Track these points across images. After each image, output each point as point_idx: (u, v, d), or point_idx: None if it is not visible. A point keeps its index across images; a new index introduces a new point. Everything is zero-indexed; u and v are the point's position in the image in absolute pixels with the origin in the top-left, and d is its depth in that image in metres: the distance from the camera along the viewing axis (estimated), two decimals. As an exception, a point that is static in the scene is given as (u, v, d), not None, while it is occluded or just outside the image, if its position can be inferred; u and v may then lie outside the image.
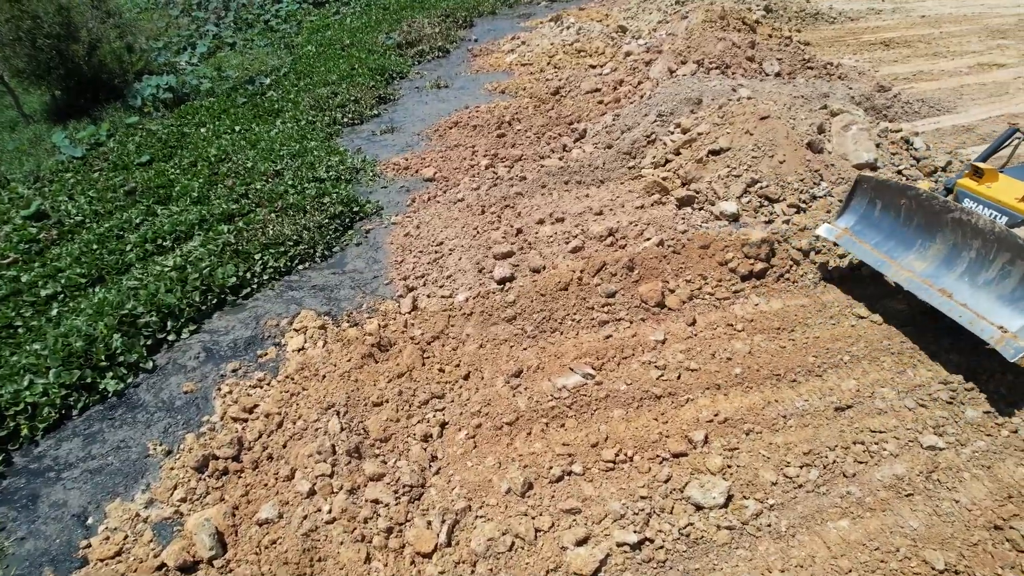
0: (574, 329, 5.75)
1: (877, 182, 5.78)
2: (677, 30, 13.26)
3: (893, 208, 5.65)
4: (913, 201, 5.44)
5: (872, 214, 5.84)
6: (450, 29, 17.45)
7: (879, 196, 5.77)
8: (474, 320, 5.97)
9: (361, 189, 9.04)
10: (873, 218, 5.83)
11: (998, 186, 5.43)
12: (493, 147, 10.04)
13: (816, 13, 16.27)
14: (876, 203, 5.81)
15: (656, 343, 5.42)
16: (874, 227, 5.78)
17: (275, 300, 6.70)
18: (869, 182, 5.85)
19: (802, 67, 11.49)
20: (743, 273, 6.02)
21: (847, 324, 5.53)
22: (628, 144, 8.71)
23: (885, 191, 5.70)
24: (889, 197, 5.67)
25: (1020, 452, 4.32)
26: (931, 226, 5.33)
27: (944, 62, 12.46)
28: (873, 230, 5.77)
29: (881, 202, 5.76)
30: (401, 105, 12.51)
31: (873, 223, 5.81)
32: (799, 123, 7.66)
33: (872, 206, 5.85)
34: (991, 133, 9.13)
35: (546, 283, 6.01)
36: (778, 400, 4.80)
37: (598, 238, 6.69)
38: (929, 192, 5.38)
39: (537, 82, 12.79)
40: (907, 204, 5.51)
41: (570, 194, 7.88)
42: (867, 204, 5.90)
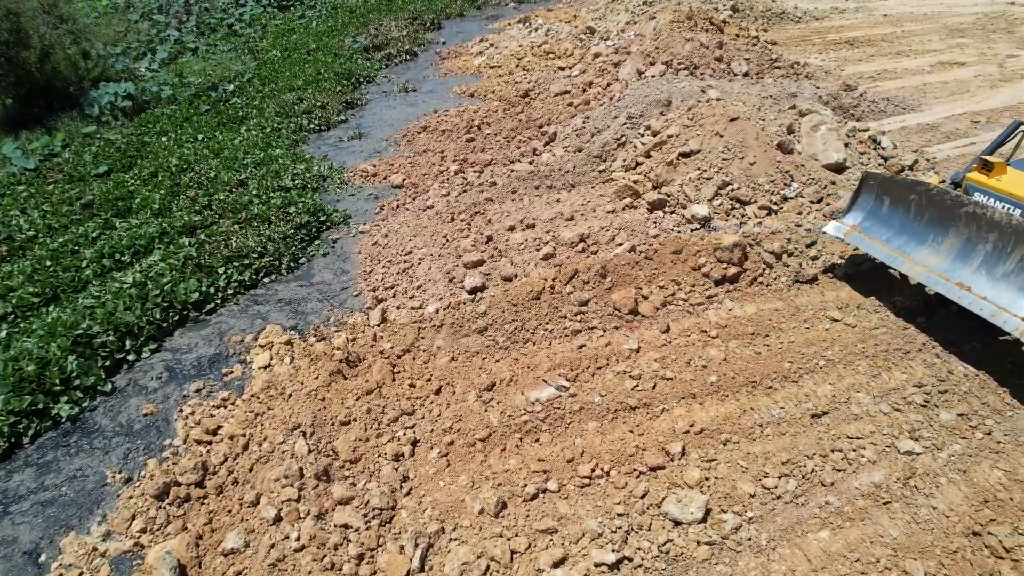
0: (547, 339, 5.64)
1: (884, 178, 5.81)
2: (645, 31, 13.24)
3: (903, 204, 5.66)
4: (924, 196, 5.45)
5: (880, 210, 5.86)
6: (417, 32, 17.26)
7: (887, 192, 5.79)
8: (445, 332, 5.83)
9: (328, 197, 8.85)
10: (881, 214, 5.84)
11: (1008, 179, 5.44)
12: (462, 152, 9.90)
13: (782, 12, 16.39)
14: (884, 199, 5.83)
15: (630, 352, 5.33)
16: (883, 223, 5.80)
17: (240, 315, 6.50)
18: (876, 178, 5.87)
19: (770, 67, 11.53)
20: (716, 278, 5.97)
21: (821, 328, 5.49)
22: (598, 147, 8.64)
23: (893, 187, 5.72)
24: (898, 193, 5.69)
25: (994, 455, 4.31)
26: (944, 220, 5.33)
27: (907, 61, 12.60)
28: (882, 226, 5.78)
29: (889, 198, 5.78)
30: (369, 110, 12.32)
31: (881, 219, 5.82)
32: (768, 124, 7.64)
33: (880, 202, 5.86)
34: (954, 131, 9.23)
35: (518, 292, 5.89)
36: (754, 408, 4.73)
37: (569, 244, 6.59)
38: (941, 187, 5.41)
39: (506, 85, 12.68)
40: (917, 199, 5.52)
41: (541, 199, 7.77)
42: (874, 200, 5.91)
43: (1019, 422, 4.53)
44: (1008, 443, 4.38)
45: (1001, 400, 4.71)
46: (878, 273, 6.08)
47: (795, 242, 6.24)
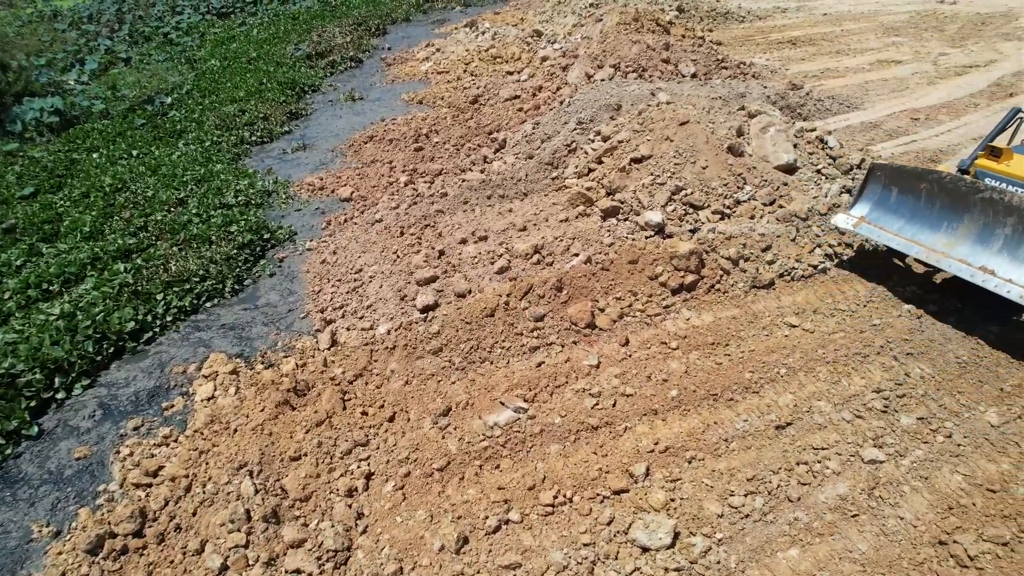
0: (504, 358, 5.46)
1: (892, 169, 5.89)
2: (592, 33, 13.19)
3: (912, 193, 5.74)
4: (935, 184, 5.53)
5: (888, 200, 5.93)
6: (362, 38, 16.93)
7: (895, 182, 5.87)
8: (398, 354, 5.60)
9: (273, 213, 8.51)
10: (889, 204, 5.92)
11: (1017, 163, 5.58)
12: (412, 162, 9.66)
13: (726, 12, 16.59)
14: (892, 189, 5.91)
15: (590, 368, 5.19)
16: (892, 213, 5.88)
17: (181, 344, 6.14)
18: (884, 169, 5.96)
19: (717, 67, 11.60)
20: (673, 287, 5.88)
21: (780, 334, 5.45)
22: (549, 154, 8.50)
23: (902, 176, 5.80)
24: (907, 182, 5.77)
25: (954, 458, 4.30)
26: (957, 207, 5.41)
27: (847, 59, 12.84)
28: (892, 216, 5.87)
29: (897, 188, 5.86)
30: (314, 120, 11.96)
31: (890, 209, 5.91)
32: (718, 127, 7.61)
33: (887, 192, 5.95)
34: (896, 129, 9.39)
35: (472, 310, 5.70)
36: (717, 422, 4.64)
37: (524, 256, 6.43)
38: (955, 175, 5.52)
39: (455, 91, 12.48)
40: (928, 187, 5.60)
41: (493, 209, 7.59)
42: (882, 191, 5.99)
43: (976, 423, 4.54)
44: (967, 445, 4.38)
45: (957, 402, 4.72)
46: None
47: (751, 247, 6.20)
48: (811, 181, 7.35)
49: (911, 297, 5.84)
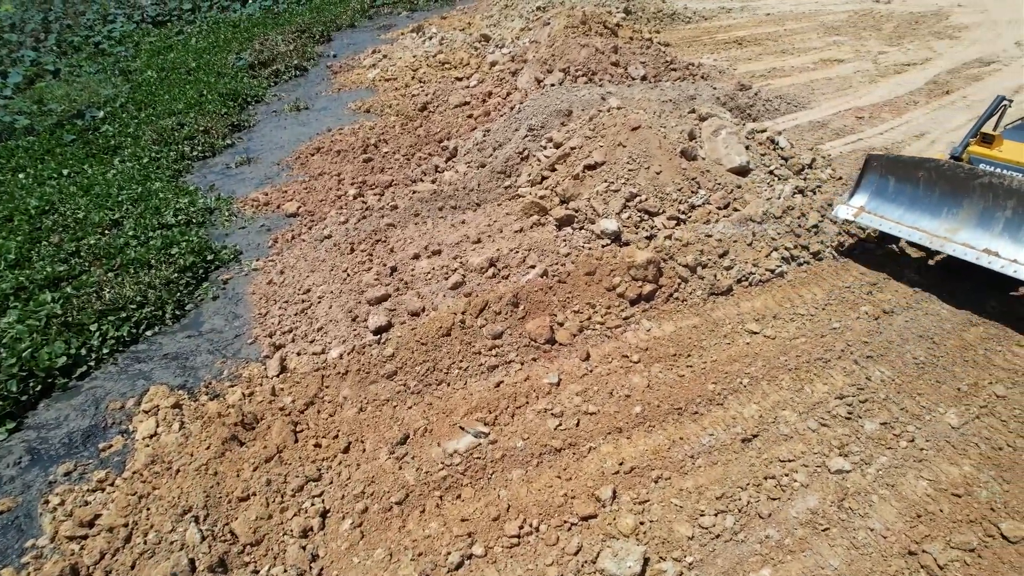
0: (461, 378, 5.26)
1: (889, 159, 6.05)
2: (540, 37, 13.09)
3: (910, 181, 5.92)
4: (933, 172, 5.72)
5: (886, 190, 6.11)
6: (306, 45, 16.52)
7: (892, 172, 6.05)
8: (351, 380, 5.35)
9: (216, 232, 8.14)
10: (888, 193, 6.10)
11: (1008, 149, 5.83)
12: (360, 173, 9.38)
13: (673, 13, 16.69)
14: (889, 179, 6.09)
15: (551, 386, 5.03)
16: (891, 201, 6.06)
17: (119, 377, 5.78)
18: (880, 160, 6.11)
19: (666, 69, 11.60)
20: (632, 297, 5.76)
21: (742, 342, 5.38)
22: (501, 162, 8.34)
23: (898, 166, 5.98)
24: (904, 171, 5.95)
25: (918, 463, 4.27)
26: (956, 193, 5.60)
27: (792, 59, 13.02)
28: (891, 204, 6.05)
29: (895, 177, 6.04)
30: (258, 132, 11.55)
31: (888, 198, 6.09)
32: (670, 131, 7.55)
33: (885, 182, 6.12)
34: (842, 128, 9.51)
35: (426, 329, 5.48)
36: (683, 438, 4.53)
37: (479, 270, 6.24)
38: (952, 162, 5.71)
39: (403, 98, 12.22)
40: (927, 175, 5.78)
41: (445, 221, 7.38)
42: (879, 180, 6.16)
43: (937, 425, 4.53)
44: (929, 449, 4.36)
45: (917, 404, 4.71)
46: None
47: (708, 253, 6.13)
48: (764, 182, 7.35)
49: (868, 298, 5.86)
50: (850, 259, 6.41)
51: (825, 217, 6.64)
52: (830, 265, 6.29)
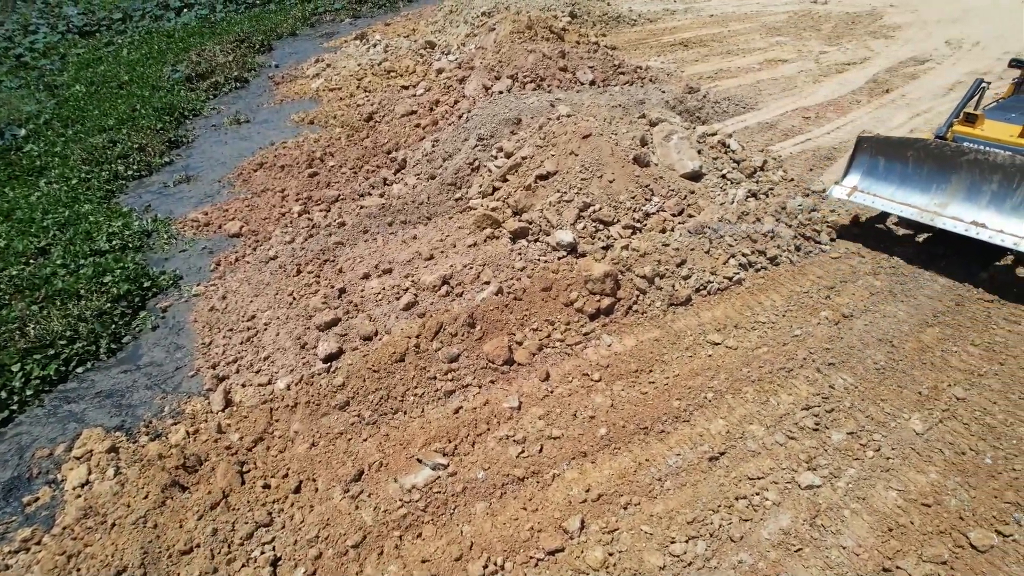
0: (418, 406, 5.02)
1: (879, 140, 6.36)
2: (486, 43, 12.89)
3: (900, 160, 6.21)
4: (922, 151, 6.03)
5: (876, 169, 6.40)
6: (246, 55, 15.98)
7: (881, 152, 6.34)
8: (301, 412, 5.06)
9: (154, 257, 7.70)
10: (879, 173, 6.39)
11: (989, 127, 6.17)
12: (306, 189, 9.03)
13: (618, 16, 16.70)
14: (879, 159, 6.37)
15: (511, 411, 4.83)
16: (882, 180, 6.36)
17: (46, 421, 5.37)
18: (870, 141, 6.41)
19: (614, 73, 11.54)
20: (591, 312, 5.61)
21: (704, 354, 5.26)
22: (451, 173, 8.11)
23: (888, 147, 6.27)
24: (894, 151, 6.24)
25: (886, 473, 4.21)
26: (943, 170, 5.93)
27: (737, 59, 13.12)
28: (882, 183, 6.35)
29: (885, 157, 6.33)
30: (197, 148, 11.05)
31: (879, 177, 6.38)
32: (622, 137, 7.44)
33: (875, 162, 6.41)
34: (791, 128, 9.57)
35: (379, 355, 5.22)
36: (649, 459, 4.38)
37: (432, 289, 6.01)
38: (940, 141, 6.04)
39: (348, 108, 11.87)
40: (915, 154, 6.09)
41: (396, 237, 7.12)
42: (870, 161, 6.45)
43: (902, 432, 4.48)
44: (896, 458, 4.31)
45: (882, 411, 4.66)
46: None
47: (665, 263, 6.02)
48: (717, 187, 7.30)
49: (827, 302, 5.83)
50: (806, 263, 6.38)
51: (780, 221, 6.60)
52: (787, 270, 6.25)
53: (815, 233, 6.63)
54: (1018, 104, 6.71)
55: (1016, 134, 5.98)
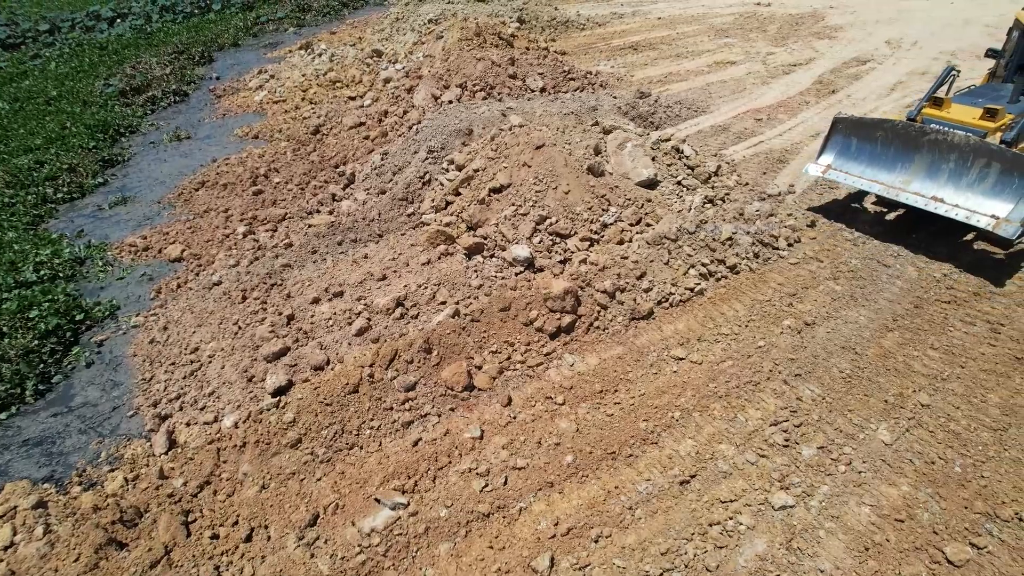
0: (375, 439, 4.76)
1: (853, 120, 6.87)
2: (434, 51, 12.66)
3: (870, 140, 6.75)
4: (890, 131, 6.56)
5: (849, 149, 6.94)
6: (185, 68, 15.43)
7: (854, 133, 6.88)
8: (250, 452, 4.74)
9: (88, 286, 7.25)
10: (851, 152, 6.92)
11: (955, 110, 6.61)
12: (250, 208, 8.66)
13: (567, 21, 16.65)
14: (852, 139, 6.91)
15: (473, 441, 4.60)
16: (853, 159, 6.89)
17: (-37, 475, 4.93)
18: (845, 122, 6.93)
19: (565, 79, 11.42)
20: (551, 331, 5.42)
21: (669, 371, 5.13)
22: (402, 188, 7.85)
23: (861, 127, 6.82)
24: (865, 132, 6.79)
25: (858, 488, 4.12)
26: (908, 149, 6.44)
27: (687, 62, 13.15)
28: (853, 162, 6.87)
29: (857, 138, 6.87)
30: (134, 167, 10.53)
31: (851, 156, 6.91)
32: (575, 147, 7.29)
33: (848, 141, 6.95)
34: (743, 131, 9.57)
35: (331, 387, 4.94)
36: (619, 487, 4.20)
37: (385, 312, 5.74)
38: (905, 122, 6.54)
39: (294, 121, 11.50)
40: (884, 135, 6.62)
41: (346, 257, 6.83)
42: (843, 141, 6.99)
43: (871, 444, 4.41)
44: (867, 472, 4.23)
45: (850, 422, 4.59)
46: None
47: (625, 276, 5.88)
48: (673, 194, 7.21)
49: (789, 310, 5.76)
50: (766, 270, 6.32)
51: (738, 228, 6.54)
52: (748, 278, 6.18)
53: (773, 239, 6.57)
54: (988, 91, 7.14)
55: (977, 116, 6.40)
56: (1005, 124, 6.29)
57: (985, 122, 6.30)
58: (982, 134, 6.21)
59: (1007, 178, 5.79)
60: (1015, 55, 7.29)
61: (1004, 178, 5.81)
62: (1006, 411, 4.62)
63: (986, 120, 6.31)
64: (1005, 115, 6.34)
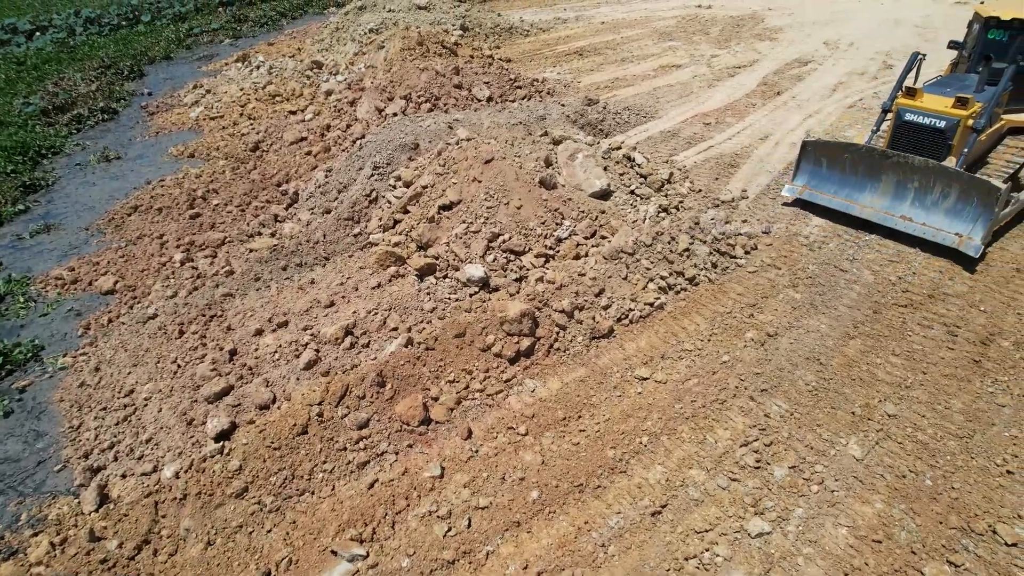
0: (328, 483, 4.45)
1: (820, 143, 7.09)
2: (376, 62, 12.34)
3: (839, 162, 6.98)
4: (855, 154, 6.79)
5: (821, 170, 7.18)
6: (113, 84, 14.72)
7: (824, 154, 7.10)
8: (192, 505, 4.38)
9: (8, 325, 6.72)
10: (823, 174, 7.18)
11: (927, 100, 6.78)
12: (187, 232, 8.20)
13: (510, 27, 16.48)
14: (822, 161, 7.14)
15: (433, 480, 4.34)
16: (826, 180, 7.17)
17: None
18: (814, 145, 7.13)
19: (511, 88, 11.24)
20: (510, 356, 5.19)
21: (633, 392, 4.95)
22: (348, 206, 7.53)
23: (828, 149, 7.03)
24: (833, 154, 7.01)
25: (832, 509, 4.01)
26: (874, 171, 6.69)
27: (633, 66, 13.12)
28: (826, 183, 7.16)
29: (827, 159, 7.09)
30: (59, 192, 9.90)
31: (824, 177, 7.18)
32: (526, 159, 7.10)
33: (819, 164, 7.17)
34: (693, 136, 9.54)
35: (278, 429, 4.61)
36: (589, 521, 4.00)
37: (334, 342, 5.44)
38: (868, 145, 6.79)
39: (232, 138, 11.02)
40: (851, 157, 6.85)
41: (291, 283, 6.48)
42: (814, 163, 7.21)
43: (842, 460, 4.32)
44: (840, 490, 4.12)
45: (819, 437, 4.49)
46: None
47: (583, 294, 5.70)
48: (627, 204, 7.08)
49: (751, 321, 5.67)
50: (725, 280, 6.22)
51: (695, 238, 6.43)
52: (707, 289, 6.07)
53: (730, 248, 6.49)
54: (955, 81, 7.39)
55: (949, 105, 6.61)
56: (976, 112, 6.53)
57: (957, 110, 6.52)
58: (955, 121, 6.51)
59: (967, 198, 6.11)
60: (977, 46, 7.54)
61: (964, 198, 6.14)
62: (969, 417, 4.60)
63: (958, 108, 6.52)
64: (975, 103, 6.56)
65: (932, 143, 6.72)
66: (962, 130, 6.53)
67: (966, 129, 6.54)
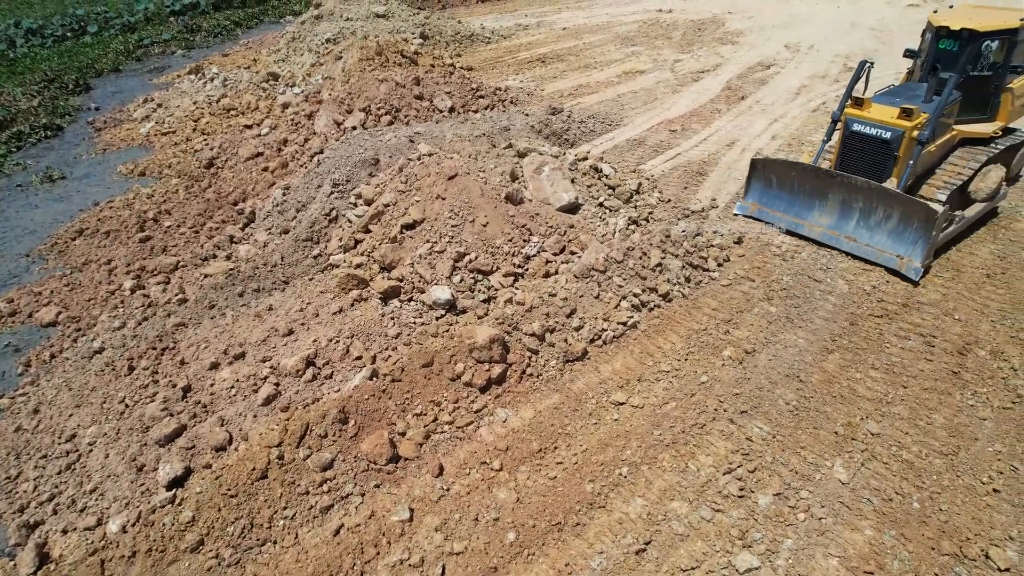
0: (289, 531, 4.16)
1: (767, 161, 7.09)
2: (334, 73, 12.01)
3: (787, 181, 7.01)
4: (802, 173, 6.83)
5: (770, 188, 7.21)
6: (57, 98, 14.10)
7: (772, 173, 7.12)
8: (141, 563, 4.05)
9: (-63, 364, 6.26)
10: (772, 192, 7.21)
11: (875, 110, 6.71)
12: (137, 257, 7.79)
13: (471, 35, 16.26)
14: (772, 179, 7.16)
15: (402, 524, 4.07)
16: (776, 198, 7.19)
17: None
18: (761, 163, 7.14)
19: (473, 97, 11.00)
20: (481, 384, 4.95)
21: (610, 419, 4.75)
22: (307, 226, 7.21)
23: (776, 167, 7.06)
24: (781, 172, 7.04)
25: (821, 538, 3.86)
26: (821, 190, 6.73)
27: (596, 73, 13.00)
28: (776, 201, 7.18)
29: (776, 177, 7.12)
30: (-4, 216, 9.36)
31: (773, 195, 7.21)
32: (491, 174, 6.88)
33: (768, 182, 7.21)
34: (659, 143, 9.42)
35: (236, 475, 4.31)
36: (570, 563, 3.78)
37: (295, 374, 5.14)
38: (812, 165, 6.86)
39: (185, 155, 10.57)
40: (798, 175, 6.89)
41: (248, 311, 6.16)
42: (764, 180, 7.23)
43: (828, 485, 4.18)
44: (827, 517, 3.98)
45: (804, 460, 4.34)
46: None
47: (554, 315, 5.49)
48: (596, 217, 6.90)
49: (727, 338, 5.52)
50: (699, 294, 6.07)
51: (667, 252, 6.28)
52: (681, 305, 5.91)
53: (703, 260, 6.36)
54: (905, 91, 7.27)
55: (894, 116, 6.51)
56: (920, 124, 6.40)
57: (902, 121, 6.42)
58: (900, 132, 6.40)
59: (907, 220, 6.18)
60: (929, 56, 7.41)
61: (904, 220, 6.21)
62: (952, 432, 4.50)
63: (903, 119, 6.43)
64: (920, 115, 6.45)
65: (879, 154, 6.59)
66: (907, 141, 6.39)
67: (911, 140, 6.40)
